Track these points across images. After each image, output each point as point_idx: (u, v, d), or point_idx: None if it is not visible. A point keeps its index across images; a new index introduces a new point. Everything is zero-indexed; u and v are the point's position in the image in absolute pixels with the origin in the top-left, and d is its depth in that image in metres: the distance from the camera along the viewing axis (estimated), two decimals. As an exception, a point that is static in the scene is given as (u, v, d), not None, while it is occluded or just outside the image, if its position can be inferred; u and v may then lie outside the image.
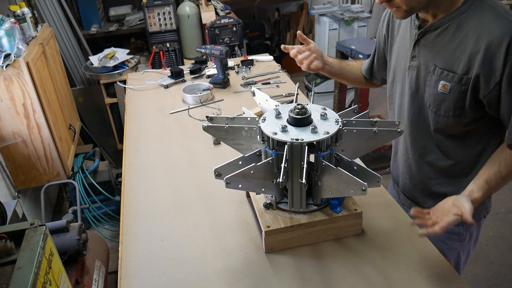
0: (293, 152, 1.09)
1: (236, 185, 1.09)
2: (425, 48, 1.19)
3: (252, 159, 1.20)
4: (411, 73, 1.25)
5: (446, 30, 1.12)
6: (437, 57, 1.16)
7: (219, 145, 1.75)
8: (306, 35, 5.03)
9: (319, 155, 1.11)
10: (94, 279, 1.37)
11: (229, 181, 1.07)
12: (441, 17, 1.13)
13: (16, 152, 2.33)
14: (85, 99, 3.68)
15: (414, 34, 1.22)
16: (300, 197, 1.18)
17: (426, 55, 1.19)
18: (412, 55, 1.23)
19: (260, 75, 2.49)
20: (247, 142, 1.26)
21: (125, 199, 1.48)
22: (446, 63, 1.14)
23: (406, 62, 1.27)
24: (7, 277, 0.85)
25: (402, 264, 1.15)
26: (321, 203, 1.22)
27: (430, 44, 1.17)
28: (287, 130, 1.12)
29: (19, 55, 2.16)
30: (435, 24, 1.14)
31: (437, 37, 1.15)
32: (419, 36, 1.19)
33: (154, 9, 3.55)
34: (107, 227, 2.83)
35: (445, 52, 1.13)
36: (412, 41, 1.22)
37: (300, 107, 1.18)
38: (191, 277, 1.15)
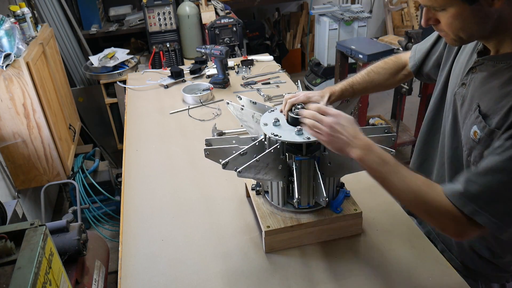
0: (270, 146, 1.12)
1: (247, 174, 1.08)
2: (478, 80, 1.00)
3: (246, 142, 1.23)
4: (457, 100, 1.07)
5: (505, 70, 0.93)
6: (483, 97, 0.96)
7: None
8: (306, 35, 5.05)
9: (296, 157, 1.12)
10: (94, 279, 1.37)
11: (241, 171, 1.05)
12: (504, 53, 0.94)
13: (16, 152, 2.32)
14: (85, 99, 3.67)
15: (473, 58, 1.04)
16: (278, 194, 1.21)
17: (475, 89, 1.00)
18: (462, 81, 1.05)
19: (260, 75, 2.49)
20: (255, 127, 1.31)
21: (125, 199, 1.48)
22: (487, 108, 0.94)
23: (455, 85, 1.09)
24: (7, 277, 0.85)
25: (402, 264, 1.15)
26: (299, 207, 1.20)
27: (483, 79, 0.98)
28: (279, 125, 1.15)
29: (19, 55, 2.16)
30: (495, 58, 0.96)
31: (493, 74, 0.95)
32: (476, 64, 1.01)
33: (154, 9, 3.54)
34: (107, 227, 2.83)
35: (492, 95, 0.94)
36: (468, 66, 1.04)
37: (300, 107, 1.18)
38: (191, 277, 1.15)
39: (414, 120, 3.52)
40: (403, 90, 3.18)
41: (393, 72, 1.38)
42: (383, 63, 1.39)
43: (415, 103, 3.50)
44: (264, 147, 1.16)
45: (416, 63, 1.32)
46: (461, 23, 0.89)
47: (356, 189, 1.32)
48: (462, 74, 1.06)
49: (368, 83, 1.35)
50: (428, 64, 1.30)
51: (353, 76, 1.37)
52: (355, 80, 1.34)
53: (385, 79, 1.37)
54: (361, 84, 1.34)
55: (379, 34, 5.45)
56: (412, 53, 1.36)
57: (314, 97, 1.21)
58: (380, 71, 1.37)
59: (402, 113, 3.65)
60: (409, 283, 1.09)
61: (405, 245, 1.21)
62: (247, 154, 1.11)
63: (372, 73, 1.36)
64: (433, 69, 1.28)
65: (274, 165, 1.12)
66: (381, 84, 1.37)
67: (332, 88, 1.29)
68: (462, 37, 0.92)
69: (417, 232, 1.26)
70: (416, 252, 1.18)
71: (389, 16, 5.06)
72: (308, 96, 1.20)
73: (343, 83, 1.33)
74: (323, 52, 4.31)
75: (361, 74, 1.36)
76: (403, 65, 1.38)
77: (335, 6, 4.35)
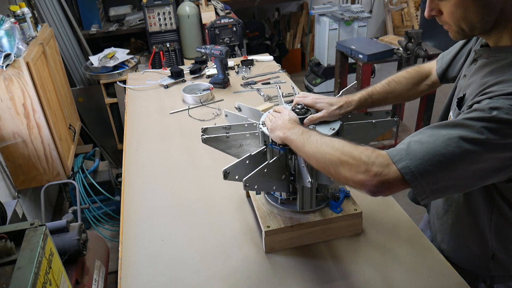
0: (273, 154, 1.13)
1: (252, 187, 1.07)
2: (472, 72, 1.01)
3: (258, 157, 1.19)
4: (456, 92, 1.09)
5: (494, 62, 0.94)
6: (469, 88, 0.97)
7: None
8: (306, 35, 5.05)
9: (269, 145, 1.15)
10: (94, 279, 1.37)
11: (247, 183, 1.03)
12: (501, 46, 0.94)
13: (16, 152, 2.32)
14: (85, 99, 3.67)
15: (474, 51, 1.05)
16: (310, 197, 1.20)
17: (469, 79, 1.01)
18: (464, 73, 1.07)
19: (260, 75, 2.49)
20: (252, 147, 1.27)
21: (125, 199, 1.48)
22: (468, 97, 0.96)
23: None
24: (7, 277, 0.85)
25: (402, 264, 1.15)
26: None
27: (476, 70, 0.99)
28: None
29: (19, 55, 2.16)
30: (488, 51, 0.97)
31: (483, 66, 0.97)
32: (476, 55, 1.02)
33: (154, 9, 3.55)
34: (107, 227, 2.83)
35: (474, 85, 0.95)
36: (472, 58, 1.05)
37: (300, 107, 1.19)
38: (191, 277, 1.15)
39: (414, 120, 3.52)
40: (403, 90, 3.18)
41: (416, 82, 1.32)
42: (405, 72, 1.33)
43: (415, 103, 3.50)
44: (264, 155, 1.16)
45: (443, 65, 1.28)
46: (463, 12, 0.89)
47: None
48: (466, 67, 1.07)
49: (389, 93, 1.29)
50: (455, 66, 1.25)
51: (373, 86, 1.31)
52: (375, 90, 1.29)
53: (406, 89, 1.31)
54: (381, 94, 1.29)
55: (379, 34, 5.45)
56: (439, 56, 1.32)
57: (320, 104, 1.19)
58: (402, 80, 1.31)
59: (402, 113, 3.65)
60: (409, 283, 1.09)
61: (405, 245, 1.21)
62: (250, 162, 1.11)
63: (393, 83, 1.30)
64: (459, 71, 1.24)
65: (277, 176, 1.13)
66: (402, 94, 1.32)
67: (350, 97, 1.25)
68: (464, 28, 0.92)
69: (417, 232, 1.26)
70: (416, 252, 1.18)
71: (389, 16, 5.06)
72: (316, 101, 1.19)
73: (362, 92, 1.28)
74: (323, 52, 4.31)
75: (381, 83, 1.31)
76: (426, 74, 1.33)
77: (335, 6, 4.35)
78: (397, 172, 0.85)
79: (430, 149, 0.83)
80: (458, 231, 1.19)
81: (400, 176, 0.84)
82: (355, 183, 0.89)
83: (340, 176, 0.91)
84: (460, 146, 0.82)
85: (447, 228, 1.21)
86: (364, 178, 0.87)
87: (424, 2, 3.74)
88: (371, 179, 0.86)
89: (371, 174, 0.86)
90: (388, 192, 0.89)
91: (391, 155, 0.86)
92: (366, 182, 0.87)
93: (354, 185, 0.90)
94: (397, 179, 0.85)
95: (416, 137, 0.88)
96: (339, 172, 0.91)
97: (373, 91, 1.29)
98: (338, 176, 0.92)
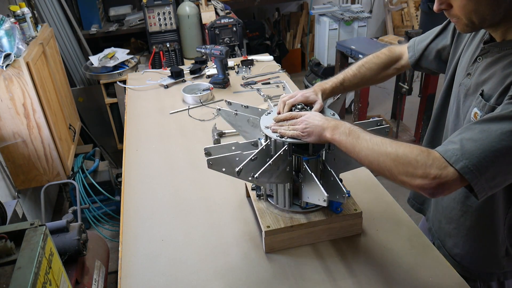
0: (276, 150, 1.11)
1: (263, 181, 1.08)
2: (481, 68, 1.01)
3: (246, 147, 1.22)
4: (461, 91, 1.08)
5: (509, 55, 0.94)
6: (487, 82, 0.97)
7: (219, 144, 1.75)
8: (306, 35, 5.05)
9: (303, 158, 1.12)
10: (94, 279, 1.37)
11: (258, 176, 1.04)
12: (510, 40, 0.95)
13: (16, 152, 2.32)
14: (85, 99, 3.68)
15: (479, 48, 1.04)
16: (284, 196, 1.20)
17: (479, 76, 1.01)
18: (467, 71, 1.06)
19: (260, 75, 2.49)
20: (251, 131, 1.29)
21: (125, 199, 1.48)
22: (490, 92, 0.96)
23: (461, 77, 1.10)
24: (7, 277, 0.85)
25: (402, 264, 1.15)
26: (306, 207, 1.21)
27: (488, 66, 0.99)
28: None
29: (19, 55, 2.16)
30: (500, 45, 0.97)
31: (498, 59, 0.96)
32: (481, 52, 1.02)
33: (154, 9, 3.55)
34: (107, 227, 2.83)
35: (495, 79, 0.95)
36: (474, 56, 1.05)
37: (300, 107, 1.19)
38: (191, 277, 1.15)
39: (414, 120, 3.53)
40: (403, 90, 3.18)
41: (386, 66, 1.36)
42: (375, 57, 1.36)
43: (415, 103, 3.50)
44: (268, 151, 1.15)
45: (416, 54, 1.30)
46: (474, 5, 0.89)
47: (356, 189, 1.32)
48: (468, 65, 1.07)
49: (359, 79, 1.33)
50: (428, 56, 1.28)
51: (344, 72, 1.35)
52: (346, 77, 1.33)
53: (376, 73, 1.35)
54: (351, 81, 1.33)
55: (379, 34, 5.45)
56: (410, 43, 1.34)
57: (311, 96, 1.21)
58: (372, 66, 1.34)
59: (402, 113, 3.65)
60: (409, 283, 1.09)
61: (405, 245, 1.21)
62: (257, 159, 1.10)
63: (363, 69, 1.34)
64: (434, 61, 1.27)
65: (283, 167, 1.12)
66: (372, 79, 1.36)
67: (323, 85, 1.28)
68: (474, 21, 0.92)
69: (417, 232, 1.26)
70: (416, 252, 1.18)
71: (389, 16, 5.06)
72: (306, 96, 1.20)
73: (333, 80, 1.32)
74: (323, 52, 4.31)
75: (352, 70, 1.34)
76: (397, 58, 1.36)
77: (335, 6, 4.35)
78: (455, 173, 0.86)
79: (485, 146, 0.84)
80: (476, 232, 1.17)
81: (459, 176, 0.86)
82: (413, 187, 0.90)
83: (396, 180, 0.92)
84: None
85: (463, 230, 1.19)
86: (423, 183, 0.87)
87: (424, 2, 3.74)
88: (430, 183, 0.87)
89: (430, 178, 0.87)
90: (448, 192, 0.90)
91: (446, 157, 0.87)
92: (425, 186, 0.88)
93: (412, 188, 0.91)
94: (457, 179, 0.86)
95: (466, 135, 0.88)
96: (396, 176, 0.91)
97: (344, 78, 1.32)
98: (394, 179, 0.92)
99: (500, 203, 1.10)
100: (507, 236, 1.13)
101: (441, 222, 1.26)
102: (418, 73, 3.58)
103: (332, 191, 1.06)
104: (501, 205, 1.10)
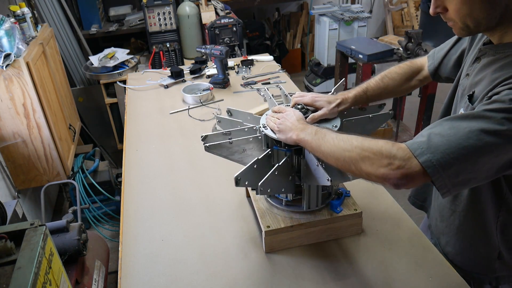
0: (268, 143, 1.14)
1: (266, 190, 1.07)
2: (477, 70, 1.01)
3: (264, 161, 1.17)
4: (459, 91, 1.09)
5: (502, 59, 0.93)
6: (479, 85, 0.98)
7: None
8: (306, 35, 5.05)
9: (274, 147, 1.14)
10: (94, 279, 1.37)
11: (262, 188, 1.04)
12: (506, 43, 0.94)
13: (16, 152, 2.32)
14: (85, 99, 3.67)
15: (478, 49, 1.05)
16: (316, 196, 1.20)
17: (474, 78, 1.01)
18: (467, 72, 1.07)
19: (260, 75, 2.49)
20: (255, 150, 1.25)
21: (125, 199, 1.48)
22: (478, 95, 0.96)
23: (462, 77, 1.11)
24: (7, 277, 0.84)
25: (402, 264, 1.15)
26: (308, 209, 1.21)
27: (482, 68, 0.99)
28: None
29: (19, 55, 2.16)
30: (495, 47, 0.97)
31: (491, 62, 0.97)
32: (480, 53, 1.02)
33: (154, 9, 3.55)
34: (107, 227, 2.83)
35: (485, 82, 0.95)
36: (474, 57, 1.05)
37: (300, 107, 1.19)
38: (191, 277, 1.15)
39: (414, 120, 3.52)
40: (403, 90, 3.18)
41: (408, 78, 1.35)
42: (397, 68, 1.36)
43: (415, 103, 3.50)
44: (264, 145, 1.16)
45: (435, 62, 1.30)
46: (469, 9, 0.89)
47: (356, 189, 1.32)
48: (468, 66, 1.07)
49: (382, 89, 1.32)
50: (447, 64, 1.27)
51: (367, 82, 1.34)
52: (369, 87, 1.31)
53: (399, 84, 1.34)
54: (375, 91, 1.31)
55: (379, 34, 5.45)
56: (430, 53, 1.34)
57: (320, 102, 1.20)
58: (395, 76, 1.34)
59: (402, 113, 3.65)
60: (409, 283, 1.09)
61: (405, 245, 1.21)
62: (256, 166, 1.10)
63: (386, 79, 1.33)
64: (453, 69, 1.25)
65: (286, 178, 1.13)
66: (395, 90, 1.35)
67: (346, 94, 1.27)
68: (469, 25, 0.92)
69: (417, 232, 1.26)
70: (416, 252, 1.18)
71: (389, 16, 5.06)
72: (315, 100, 1.20)
73: (357, 89, 1.30)
74: (323, 52, 4.31)
75: (375, 80, 1.34)
76: (418, 70, 1.35)
77: (335, 6, 4.35)
78: (419, 165, 0.85)
79: (452, 142, 0.84)
80: (465, 232, 1.17)
81: (422, 169, 0.85)
82: (377, 178, 0.89)
83: (361, 172, 0.92)
84: (481, 139, 0.82)
85: (453, 229, 1.20)
86: (386, 172, 0.87)
87: (424, 2, 3.75)
88: (394, 173, 0.87)
89: (393, 168, 0.87)
90: (411, 185, 0.90)
91: (411, 148, 0.87)
92: (389, 176, 0.87)
93: (377, 180, 0.90)
94: (419, 172, 0.85)
95: (436, 129, 0.88)
96: (361, 168, 0.91)
97: (367, 87, 1.31)
98: (359, 172, 0.92)
99: (489, 206, 1.10)
100: (500, 240, 1.13)
101: (437, 219, 1.28)
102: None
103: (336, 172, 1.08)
104: (490, 208, 1.10)
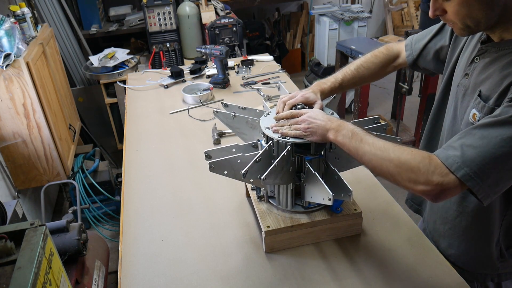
0: (279, 150, 1.11)
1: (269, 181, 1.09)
2: (479, 68, 1.01)
3: (247, 149, 1.21)
4: (459, 92, 1.08)
5: (506, 55, 0.94)
6: (485, 83, 0.97)
7: (219, 145, 1.75)
8: (306, 35, 5.05)
9: (306, 158, 1.12)
10: (94, 279, 1.37)
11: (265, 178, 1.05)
12: (507, 40, 0.95)
13: (16, 152, 2.32)
14: (85, 99, 3.67)
15: (476, 48, 1.05)
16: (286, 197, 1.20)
17: (477, 76, 1.01)
18: (465, 72, 1.06)
19: (260, 75, 2.49)
20: (250, 133, 1.29)
21: (125, 199, 1.48)
22: (488, 92, 0.96)
23: (459, 77, 1.10)
24: (7, 277, 0.84)
25: (402, 264, 1.15)
26: (309, 206, 1.21)
27: (486, 66, 0.99)
28: None
29: (19, 55, 2.16)
30: (497, 45, 0.97)
31: (495, 60, 0.97)
32: (479, 52, 1.02)
33: (154, 9, 3.55)
34: (107, 227, 2.83)
35: (493, 79, 0.95)
36: (472, 56, 1.05)
37: (300, 107, 1.19)
38: (191, 277, 1.15)
39: (414, 120, 3.53)
40: (403, 90, 3.18)
41: (384, 65, 1.37)
42: (373, 56, 1.37)
43: (415, 103, 3.50)
44: (271, 152, 1.14)
45: (413, 53, 1.30)
46: (468, 10, 0.90)
47: (356, 189, 1.32)
48: (466, 65, 1.07)
49: (357, 78, 1.35)
50: (426, 56, 1.28)
51: (342, 71, 1.35)
52: (344, 78, 1.34)
53: (375, 73, 1.37)
54: (350, 81, 1.34)
55: (379, 34, 5.46)
56: (408, 41, 1.34)
57: (310, 97, 1.21)
58: (370, 66, 1.35)
59: (402, 113, 3.65)
60: (409, 283, 1.09)
61: (405, 245, 1.21)
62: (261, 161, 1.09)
63: (362, 68, 1.35)
64: (432, 61, 1.27)
65: (287, 168, 1.12)
66: (370, 77, 1.38)
67: (321, 85, 1.29)
68: (470, 25, 0.93)
69: (417, 232, 1.26)
70: (416, 252, 1.18)
71: (389, 16, 5.06)
72: (306, 96, 1.20)
73: (331, 80, 1.32)
74: (323, 52, 4.31)
75: (350, 69, 1.35)
76: (394, 57, 1.37)
77: (335, 6, 4.35)
78: (457, 180, 0.87)
79: (486, 153, 0.85)
80: (472, 234, 1.17)
81: (460, 183, 0.87)
82: (416, 192, 0.92)
83: (399, 185, 0.94)
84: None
85: (458, 231, 1.19)
86: (425, 189, 0.90)
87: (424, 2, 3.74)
88: (432, 189, 0.89)
89: (432, 184, 0.89)
90: (450, 197, 0.93)
91: (447, 164, 0.88)
92: (428, 192, 0.90)
93: (415, 193, 0.94)
94: (458, 185, 0.88)
95: (466, 140, 0.89)
96: (399, 182, 0.93)
97: (343, 78, 1.33)
98: (397, 184, 0.94)
99: (497, 205, 1.10)
100: (502, 239, 1.13)
101: (435, 222, 1.27)
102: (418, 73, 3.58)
103: (336, 190, 1.06)
104: (498, 207, 1.10)
